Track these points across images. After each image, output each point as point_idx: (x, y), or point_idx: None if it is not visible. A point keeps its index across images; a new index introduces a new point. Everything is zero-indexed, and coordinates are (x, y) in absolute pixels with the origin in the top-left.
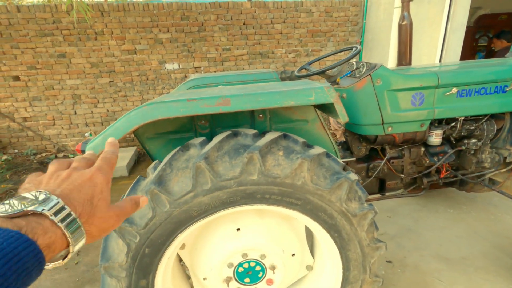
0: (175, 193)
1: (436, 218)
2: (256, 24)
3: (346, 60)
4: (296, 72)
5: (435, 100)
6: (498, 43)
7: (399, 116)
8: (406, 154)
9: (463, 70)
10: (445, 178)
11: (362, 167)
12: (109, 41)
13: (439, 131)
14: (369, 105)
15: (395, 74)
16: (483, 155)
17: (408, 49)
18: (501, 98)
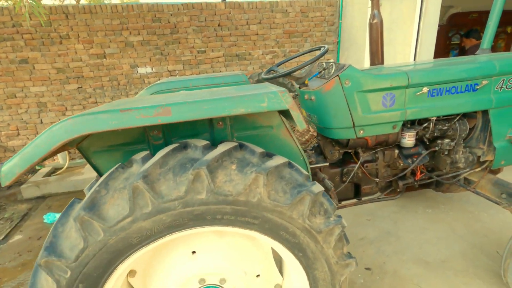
0: (110, 219)
1: (415, 219)
2: (231, 25)
3: (313, 60)
4: (263, 74)
5: (406, 100)
6: (467, 41)
7: (371, 118)
8: (380, 157)
9: (433, 69)
10: (420, 180)
11: (336, 172)
12: (76, 45)
13: (412, 132)
14: (338, 107)
15: (364, 75)
16: (457, 155)
17: (380, 48)
18: (472, 97)
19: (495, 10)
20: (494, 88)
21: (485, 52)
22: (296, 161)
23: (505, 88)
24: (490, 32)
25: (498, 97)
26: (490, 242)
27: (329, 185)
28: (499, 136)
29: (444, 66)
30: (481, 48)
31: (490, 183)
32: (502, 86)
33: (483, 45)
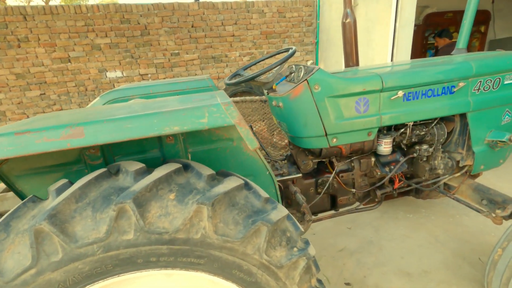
0: (8, 272)
1: (396, 225)
2: (206, 26)
3: (279, 64)
4: (227, 79)
5: (381, 105)
6: (440, 41)
7: (344, 125)
8: (355, 166)
9: (409, 71)
10: (399, 188)
11: (310, 183)
12: (36, 48)
13: (388, 139)
14: (308, 114)
15: (335, 78)
16: (435, 161)
17: (354, 48)
18: (449, 100)
19: (470, 9)
20: (472, 90)
21: (461, 52)
22: (261, 177)
23: (483, 90)
24: (465, 32)
25: (476, 100)
26: (472, 248)
27: (300, 199)
28: (478, 140)
29: (420, 67)
30: (457, 48)
31: (471, 188)
32: (480, 88)
33: (458, 45)
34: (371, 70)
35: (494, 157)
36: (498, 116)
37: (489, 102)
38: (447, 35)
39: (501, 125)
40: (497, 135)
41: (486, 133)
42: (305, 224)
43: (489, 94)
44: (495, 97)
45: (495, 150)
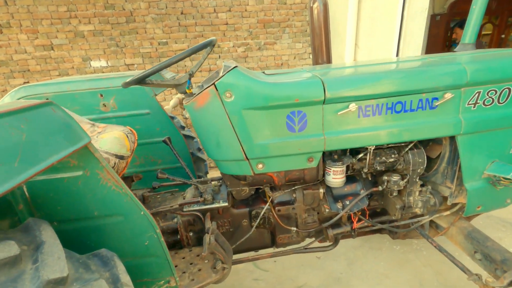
0: None
1: (376, 260)
2: (197, 13)
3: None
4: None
5: (325, 122)
6: (460, 33)
7: (271, 148)
8: (298, 198)
9: (366, 76)
10: (362, 227)
11: (243, 214)
12: (18, 34)
13: (338, 167)
14: (220, 132)
15: (256, 83)
16: (410, 198)
17: (325, 41)
18: (429, 117)
19: None
20: (465, 105)
21: (467, 48)
22: (133, 217)
23: (482, 104)
24: (474, 22)
25: (470, 118)
26: None
27: (208, 241)
28: (472, 173)
29: (386, 70)
30: (461, 43)
31: (462, 234)
32: (477, 102)
33: (464, 39)
34: (318, 71)
35: (498, 196)
36: (504, 142)
37: (491, 122)
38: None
39: (508, 154)
40: (500, 168)
41: (486, 164)
42: (218, 273)
43: (491, 111)
44: (501, 115)
45: (496, 188)
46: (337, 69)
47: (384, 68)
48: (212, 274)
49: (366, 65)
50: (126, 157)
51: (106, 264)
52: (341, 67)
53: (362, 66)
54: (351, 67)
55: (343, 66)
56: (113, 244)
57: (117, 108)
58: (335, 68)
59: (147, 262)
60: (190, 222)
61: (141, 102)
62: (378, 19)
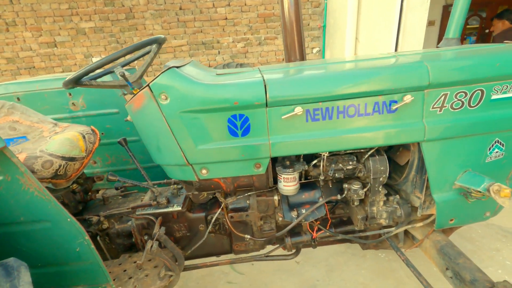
0: None
1: (358, 267)
2: (195, 8)
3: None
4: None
5: (270, 126)
6: (498, 24)
7: (213, 153)
8: (252, 205)
9: (314, 76)
10: (326, 236)
11: (200, 219)
12: (24, 32)
13: (289, 174)
14: (160, 135)
15: (191, 85)
16: (374, 208)
17: (296, 38)
18: (386, 122)
19: None
20: (429, 109)
21: (450, 44)
22: (61, 224)
23: (450, 108)
24: (457, 16)
25: (436, 123)
26: None
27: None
28: (441, 183)
29: (337, 70)
30: (445, 38)
31: (435, 248)
32: (444, 105)
33: (448, 34)
34: (271, 71)
35: (474, 209)
36: (478, 150)
37: (461, 128)
38: (510, 18)
39: (484, 163)
40: (471, 179)
41: (457, 174)
42: (164, 280)
43: (461, 115)
44: (473, 121)
45: (468, 201)
46: (294, 69)
47: (337, 68)
48: (157, 282)
49: (324, 64)
50: (79, 158)
51: (9, 274)
52: (302, 66)
53: (320, 65)
54: (311, 66)
55: (305, 65)
56: (44, 250)
57: (86, 107)
58: (293, 68)
59: (82, 268)
60: (144, 226)
61: (110, 101)
62: (378, 12)
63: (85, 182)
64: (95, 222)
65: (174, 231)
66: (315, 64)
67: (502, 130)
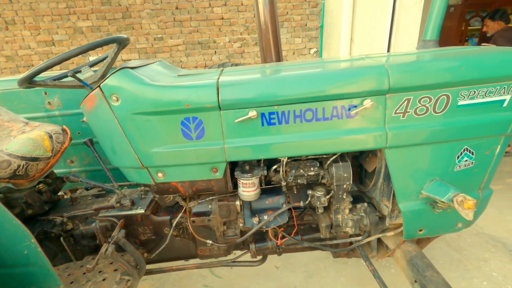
0: None
1: (338, 274)
2: (192, 8)
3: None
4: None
5: (224, 130)
6: (492, 25)
7: (167, 156)
8: (214, 210)
9: (268, 78)
10: (291, 244)
11: (165, 222)
12: (23, 31)
13: (247, 179)
14: (113, 137)
15: (142, 86)
16: (338, 216)
17: (272, 38)
18: (346, 127)
19: None
20: (391, 114)
21: (427, 46)
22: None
23: (413, 113)
24: (435, 17)
25: (398, 129)
26: None
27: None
28: (407, 192)
29: (293, 73)
30: (423, 40)
31: (405, 258)
32: (407, 111)
33: (426, 35)
34: (234, 73)
35: (444, 219)
36: (446, 157)
37: (427, 135)
38: (503, 18)
39: (453, 172)
40: (436, 189)
41: (424, 183)
42: (121, 285)
43: (426, 122)
44: (439, 127)
45: (435, 211)
46: (257, 70)
47: (295, 71)
48: (113, 286)
49: (287, 66)
50: (43, 158)
51: None
52: (268, 68)
53: (283, 68)
54: (276, 68)
55: (272, 67)
56: None
57: (62, 107)
58: (257, 69)
59: (31, 271)
60: (108, 228)
61: None
62: (373, 12)
63: (54, 182)
64: (59, 223)
65: (139, 234)
66: (280, 66)
67: (470, 138)
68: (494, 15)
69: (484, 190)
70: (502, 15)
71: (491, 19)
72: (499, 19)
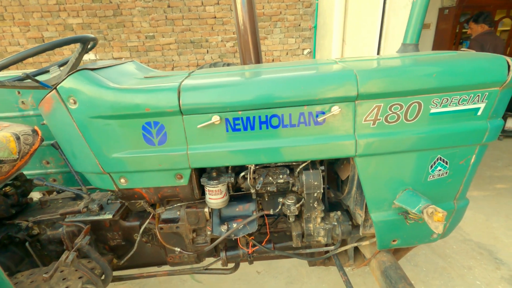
0: None
1: (319, 280)
2: (184, 6)
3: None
4: None
5: (187, 135)
6: (476, 28)
7: (129, 161)
8: (182, 217)
9: (231, 82)
10: (264, 252)
11: (134, 228)
12: (12, 27)
13: (213, 186)
14: (73, 141)
15: (100, 89)
16: (310, 225)
17: (251, 39)
18: (314, 135)
19: None
20: (361, 121)
21: (407, 50)
22: None
23: (384, 121)
24: (415, 21)
25: (368, 137)
26: None
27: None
28: (378, 202)
29: (258, 77)
30: (403, 44)
31: (379, 269)
32: (378, 118)
33: (405, 39)
34: (201, 75)
35: (418, 230)
36: (419, 167)
37: (398, 143)
38: (487, 21)
39: (426, 182)
40: (408, 200)
41: (396, 192)
42: None
43: (397, 130)
44: (411, 135)
45: (406, 222)
46: (227, 73)
47: (262, 75)
48: None
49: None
50: (8, 161)
51: None
52: (239, 71)
53: (252, 71)
54: (249, 70)
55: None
56: None
57: (36, 106)
58: (230, 72)
59: None
60: (75, 233)
61: None
62: (363, 14)
63: (23, 185)
64: (24, 228)
65: (108, 240)
66: (254, 69)
67: (444, 147)
68: (477, 18)
69: (459, 201)
70: (485, 18)
71: (474, 22)
72: (482, 22)
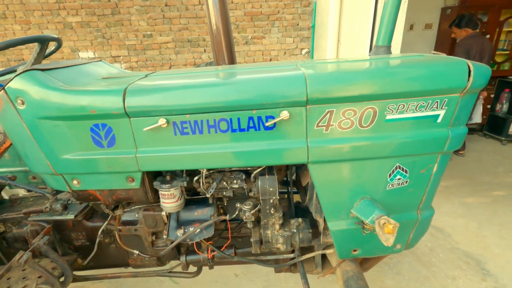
0: None
1: (296, 285)
2: (181, 5)
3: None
4: None
5: (136, 138)
6: (459, 32)
7: (79, 163)
8: (140, 219)
9: (176, 85)
10: (224, 257)
11: (97, 229)
12: (13, 25)
13: (165, 190)
14: (24, 142)
15: (47, 90)
16: (268, 231)
17: (224, 39)
18: (264, 140)
19: None
20: (313, 127)
21: (379, 52)
22: None
23: (337, 127)
24: (386, 23)
25: (321, 144)
26: None
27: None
28: (335, 210)
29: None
30: (375, 46)
31: (342, 278)
32: (331, 124)
33: (378, 41)
34: (155, 77)
35: (378, 240)
36: (377, 175)
37: (353, 150)
38: (470, 24)
39: (385, 190)
40: (363, 209)
41: (354, 201)
42: None
43: (352, 136)
44: (367, 142)
45: (363, 232)
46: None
47: (212, 77)
48: None
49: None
50: None
51: None
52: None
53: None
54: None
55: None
56: None
57: None
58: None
59: None
60: (39, 232)
61: None
62: (356, 14)
63: None
64: None
65: (72, 240)
66: (210, 71)
67: (402, 155)
68: (459, 22)
69: (423, 211)
70: (468, 22)
71: (457, 26)
72: (465, 26)
